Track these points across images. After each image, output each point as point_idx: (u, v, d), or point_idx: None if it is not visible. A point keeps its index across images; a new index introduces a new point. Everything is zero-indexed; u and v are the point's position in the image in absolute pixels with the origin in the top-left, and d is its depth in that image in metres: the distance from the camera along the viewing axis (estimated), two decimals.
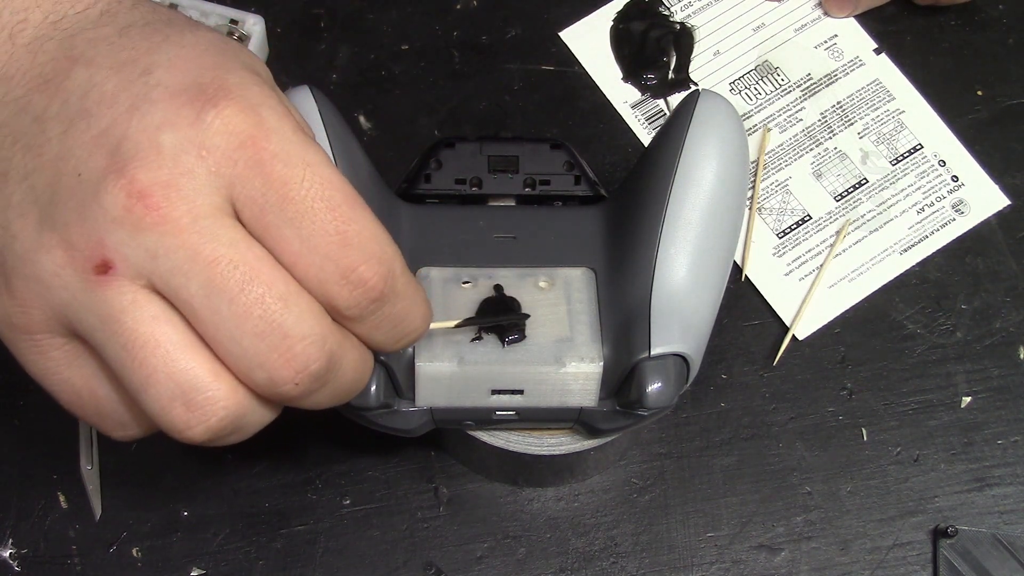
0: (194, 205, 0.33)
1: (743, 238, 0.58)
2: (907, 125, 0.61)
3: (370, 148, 0.52)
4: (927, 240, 0.59)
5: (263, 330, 0.33)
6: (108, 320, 0.33)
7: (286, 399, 0.35)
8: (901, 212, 0.59)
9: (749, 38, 0.63)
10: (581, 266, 0.46)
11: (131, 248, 0.32)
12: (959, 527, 0.53)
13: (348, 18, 0.63)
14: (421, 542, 0.53)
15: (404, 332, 0.37)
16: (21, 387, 0.55)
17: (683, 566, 0.53)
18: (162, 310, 0.33)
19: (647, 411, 0.44)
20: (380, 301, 0.35)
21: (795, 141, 0.60)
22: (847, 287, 0.58)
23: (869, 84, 0.62)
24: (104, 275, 0.33)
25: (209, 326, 0.33)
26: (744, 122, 0.61)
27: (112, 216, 0.32)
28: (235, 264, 0.33)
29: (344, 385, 0.36)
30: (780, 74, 0.62)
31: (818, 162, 0.60)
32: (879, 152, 0.60)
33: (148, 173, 0.32)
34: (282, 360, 0.33)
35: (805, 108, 0.61)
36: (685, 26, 0.63)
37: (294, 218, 0.33)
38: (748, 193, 0.49)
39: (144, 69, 0.34)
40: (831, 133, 0.61)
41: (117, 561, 0.52)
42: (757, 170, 0.60)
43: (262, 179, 0.33)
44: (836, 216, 0.59)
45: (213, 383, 0.34)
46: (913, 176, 0.60)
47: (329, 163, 0.35)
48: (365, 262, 0.34)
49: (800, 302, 0.57)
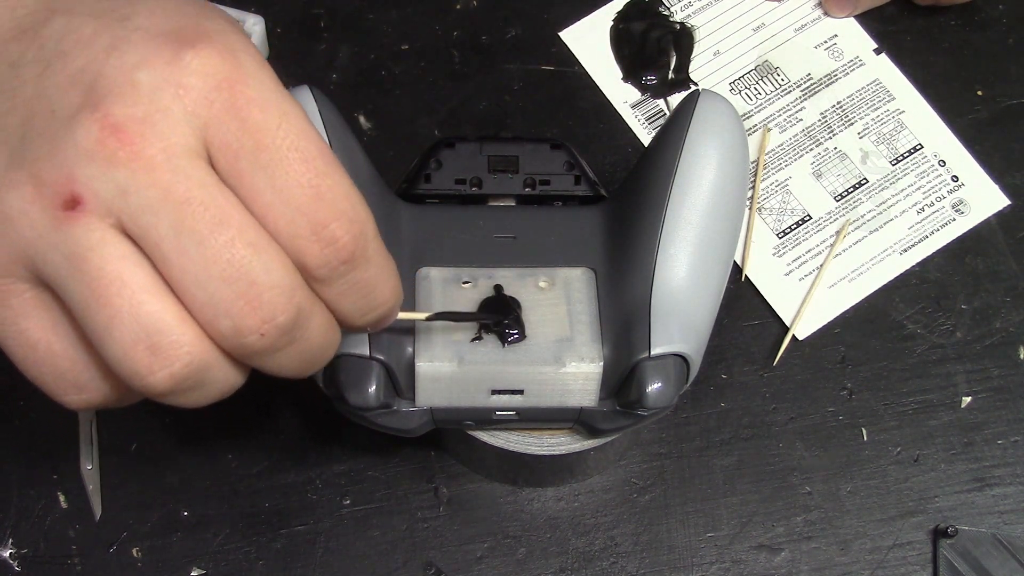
0: (168, 143, 0.32)
1: (743, 238, 0.58)
2: (907, 125, 0.61)
3: (370, 148, 0.52)
4: (927, 240, 0.59)
5: (231, 275, 0.32)
6: (74, 258, 0.32)
7: (251, 352, 0.34)
8: (901, 212, 0.59)
9: (749, 38, 0.63)
10: (581, 266, 0.46)
11: (102, 183, 0.32)
12: (959, 527, 0.53)
13: (348, 18, 0.63)
14: (421, 542, 0.53)
15: (372, 304, 0.36)
16: (22, 388, 0.55)
17: (683, 566, 0.53)
18: (131, 251, 0.32)
19: (647, 411, 0.44)
20: (350, 263, 0.34)
21: (795, 141, 0.60)
22: (847, 287, 0.58)
23: (869, 84, 0.62)
24: (72, 211, 0.32)
25: (176, 269, 0.32)
26: (744, 122, 0.61)
27: (84, 150, 0.32)
28: (206, 206, 0.32)
29: (311, 349, 0.35)
30: (780, 74, 0.62)
31: (818, 162, 0.60)
32: (879, 152, 0.60)
33: (123, 108, 0.32)
34: (249, 308, 0.33)
35: (805, 108, 0.61)
36: (685, 26, 0.63)
37: (267, 166, 0.33)
38: (748, 193, 0.49)
39: (123, 16, 0.34)
40: (831, 133, 0.61)
41: (117, 561, 0.52)
42: (757, 170, 0.60)
43: (238, 123, 0.33)
44: (836, 216, 0.59)
45: (178, 328, 0.33)
46: (913, 176, 0.60)
47: (306, 116, 0.34)
48: (337, 219, 0.33)
49: (800, 302, 0.57)
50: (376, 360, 0.43)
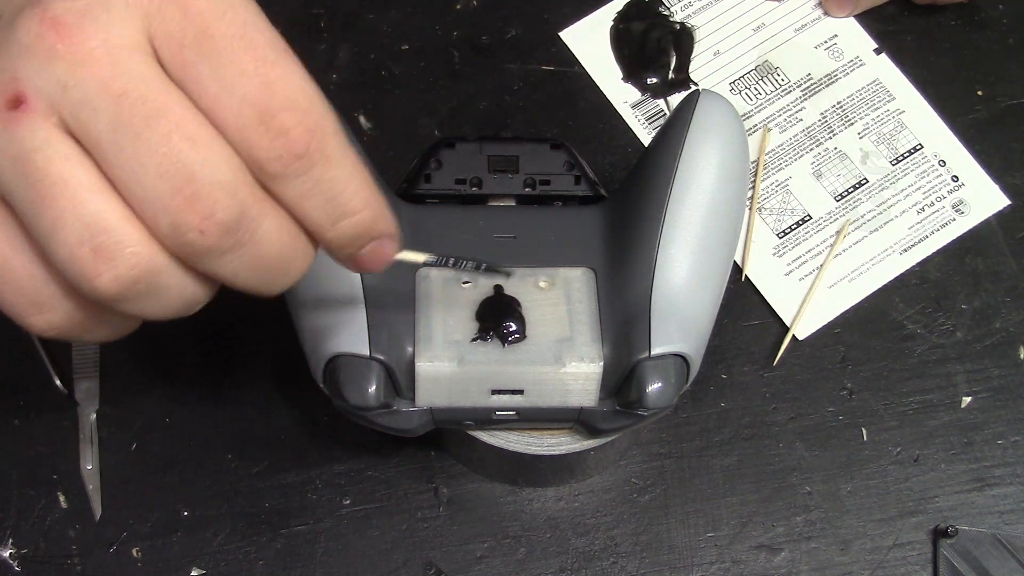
0: (109, 36, 0.32)
1: (743, 238, 0.58)
2: (907, 125, 0.61)
3: (370, 148, 0.52)
4: (927, 240, 0.59)
5: (167, 170, 0.31)
6: (19, 159, 0.32)
7: (194, 252, 0.33)
8: (901, 212, 0.59)
9: (749, 38, 0.63)
10: (581, 266, 0.46)
11: (43, 79, 0.31)
12: (959, 527, 0.53)
13: (348, 18, 0.63)
14: (421, 542, 0.53)
15: (340, 211, 0.34)
16: (22, 387, 0.55)
17: (683, 566, 0.53)
18: (74, 151, 0.32)
19: (647, 411, 0.44)
20: (306, 159, 0.33)
21: (795, 141, 0.60)
22: (847, 287, 0.58)
23: (869, 84, 0.62)
24: (16, 110, 0.31)
25: (115, 166, 0.32)
26: (744, 122, 0.61)
27: (25, 45, 0.31)
28: (144, 99, 0.31)
29: (266, 256, 0.34)
30: (780, 74, 0.62)
31: (818, 162, 0.60)
32: (879, 152, 0.60)
33: (63, 3, 0.32)
34: (186, 204, 0.31)
35: (805, 108, 0.61)
36: (685, 26, 0.63)
37: (211, 55, 0.32)
38: (748, 193, 0.49)
39: None
40: (831, 133, 0.61)
41: (117, 561, 0.52)
42: (757, 170, 0.60)
43: (181, 12, 0.32)
44: (836, 216, 0.59)
45: (122, 227, 0.32)
46: (913, 176, 0.60)
47: (258, 9, 0.33)
48: (287, 109, 0.32)
49: (800, 302, 0.57)
50: (376, 360, 0.43)
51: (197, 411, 0.55)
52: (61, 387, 0.54)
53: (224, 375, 0.55)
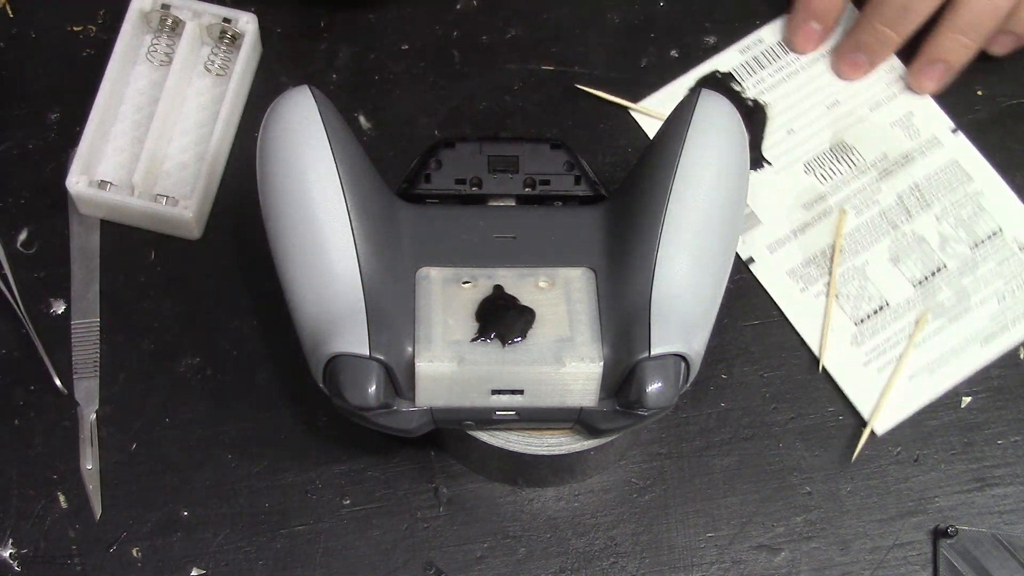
0: None
1: (820, 326, 0.56)
2: (986, 208, 0.58)
3: (370, 148, 0.52)
4: (1009, 331, 0.56)
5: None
6: None
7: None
8: (981, 301, 0.57)
9: (823, 116, 0.60)
10: (581, 266, 0.46)
11: None
12: (959, 527, 0.53)
13: (348, 18, 0.62)
14: (421, 542, 0.53)
15: None
16: (22, 387, 0.55)
17: (683, 566, 0.53)
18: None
19: (647, 411, 0.44)
20: None
21: (872, 224, 0.58)
22: (927, 378, 0.55)
23: (946, 164, 0.59)
24: None
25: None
26: (820, 204, 0.58)
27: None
28: None
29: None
30: (855, 153, 0.59)
31: (895, 246, 0.57)
32: (958, 236, 0.57)
33: None
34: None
35: (881, 190, 0.58)
36: (758, 103, 0.61)
37: None
38: (747, 193, 0.49)
39: None
40: (908, 216, 0.58)
41: (117, 561, 0.52)
42: (834, 254, 0.57)
43: None
44: (915, 303, 0.56)
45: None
46: (993, 262, 0.57)
47: None
48: None
49: (879, 394, 0.55)
50: (376, 360, 0.43)
51: (197, 411, 0.55)
52: (61, 387, 0.54)
53: (224, 375, 0.55)
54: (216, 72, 0.59)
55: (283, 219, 0.45)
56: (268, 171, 0.46)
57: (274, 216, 0.46)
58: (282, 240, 0.45)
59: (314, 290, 0.44)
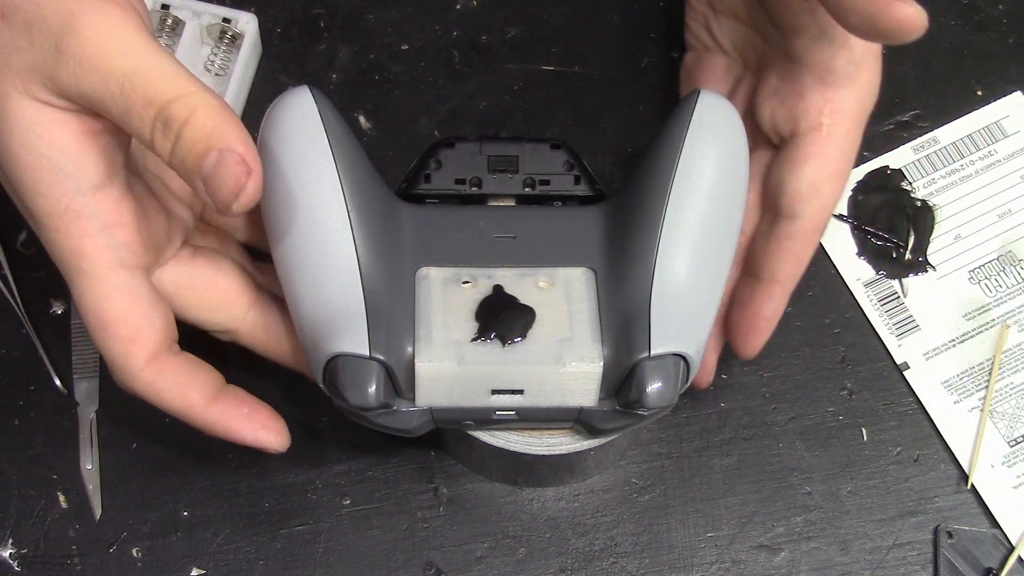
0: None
1: (972, 442, 0.54)
2: None
3: (370, 148, 0.52)
4: None
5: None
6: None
7: None
8: None
9: (993, 224, 0.58)
10: (581, 266, 0.46)
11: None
12: (959, 527, 0.53)
13: (348, 18, 0.62)
14: (421, 542, 0.53)
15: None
16: (22, 387, 0.55)
17: (683, 566, 0.53)
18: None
19: (647, 411, 0.44)
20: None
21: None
22: None
23: None
24: None
25: None
26: (981, 315, 0.57)
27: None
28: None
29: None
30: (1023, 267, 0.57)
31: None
32: None
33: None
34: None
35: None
36: (927, 204, 0.59)
37: None
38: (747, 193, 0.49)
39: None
40: None
41: (117, 561, 0.52)
42: (992, 370, 0.55)
43: None
44: None
45: None
46: None
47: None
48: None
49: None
50: (376, 360, 0.43)
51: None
52: (61, 387, 0.54)
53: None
54: (216, 72, 0.59)
55: (282, 219, 0.45)
56: (267, 171, 0.46)
57: (273, 216, 0.46)
58: (282, 240, 0.45)
59: (314, 290, 0.44)
